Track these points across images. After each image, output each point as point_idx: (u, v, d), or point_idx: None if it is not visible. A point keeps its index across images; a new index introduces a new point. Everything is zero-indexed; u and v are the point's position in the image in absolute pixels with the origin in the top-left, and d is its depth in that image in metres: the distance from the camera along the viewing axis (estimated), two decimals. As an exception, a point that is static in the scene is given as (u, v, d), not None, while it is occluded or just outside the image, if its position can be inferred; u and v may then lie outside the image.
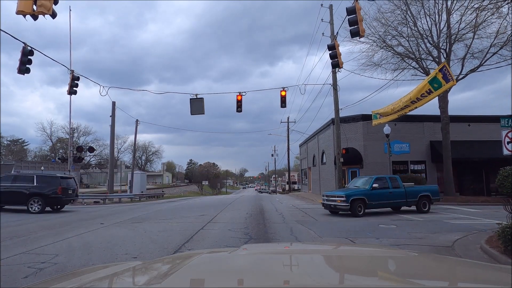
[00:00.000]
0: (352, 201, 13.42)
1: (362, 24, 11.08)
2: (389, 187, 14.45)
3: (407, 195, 14.62)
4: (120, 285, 1.54)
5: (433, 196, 15.24)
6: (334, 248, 2.53)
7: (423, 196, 14.91)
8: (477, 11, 19.24)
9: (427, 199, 14.99)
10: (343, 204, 13.48)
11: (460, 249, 7.57)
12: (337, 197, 13.84)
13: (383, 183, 14.43)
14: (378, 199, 14.10)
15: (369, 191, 13.98)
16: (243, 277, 1.45)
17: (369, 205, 13.84)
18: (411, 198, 14.70)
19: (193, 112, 19.94)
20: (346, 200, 13.38)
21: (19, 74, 13.14)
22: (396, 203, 14.84)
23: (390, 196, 14.34)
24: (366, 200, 13.72)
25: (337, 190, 16.26)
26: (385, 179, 14.69)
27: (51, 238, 9.07)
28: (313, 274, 1.49)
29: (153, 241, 8.57)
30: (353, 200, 13.47)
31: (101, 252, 7.30)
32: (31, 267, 6.01)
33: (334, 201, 13.91)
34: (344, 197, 13.49)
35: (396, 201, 14.62)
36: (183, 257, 1.93)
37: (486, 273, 1.58)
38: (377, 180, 14.42)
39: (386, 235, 9.23)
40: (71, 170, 26.65)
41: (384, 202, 14.38)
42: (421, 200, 14.85)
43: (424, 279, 1.47)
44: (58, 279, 1.66)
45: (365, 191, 14.04)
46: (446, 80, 14.94)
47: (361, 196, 13.75)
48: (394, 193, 14.44)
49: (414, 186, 16.03)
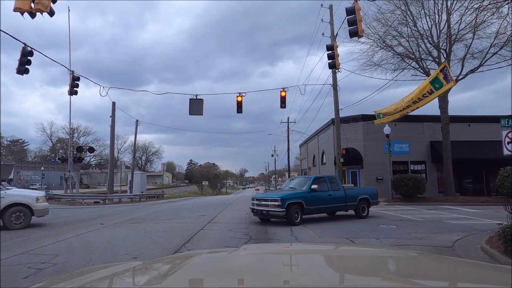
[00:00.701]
0: (288, 205, 11.28)
1: (361, 24, 11.08)
2: (328, 189, 12.57)
3: (347, 199, 12.95)
4: (120, 285, 1.54)
5: (372, 200, 13.79)
6: (334, 248, 2.53)
7: (362, 199, 13.42)
8: (477, 11, 19.24)
9: (366, 203, 13.56)
10: (278, 210, 11.25)
11: (461, 249, 7.56)
12: (271, 201, 11.55)
13: (322, 184, 12.54)
14: (317, 203, 12.09)
15: (307, 194, 11.93)
16: (243, 277, 1.45)
17: (307, 210, 11.82)
18: (351, 202, 13.07)
19: (191, 112, 19.94)
20: (281, 205, 11.21)
21: (18, 75, 13.13)
22: (335, 208, 13.04)
23: (329, 199, 12.48)
24: (304, 204, 11.65)
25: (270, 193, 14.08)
26: (324, 180, 12.87)
27: (51, 238, 9.07)
28: (313, 274, 1.49)
29: (153, 242, 8.57)
30: (290, 204, 11.33)
31: (101, 252, 7.29)
32: (31, 268, 6.01)
33: (267, 206, 11.61)
34: (278, 200, 11.29)
35: (336, 205, 12.82)
36: (183, 257, 1.93)
37: (486, 273, 1.58)
38: (316, 181, 12.55)
39: (386, 235, 9.22)
40: (71, 170, 26.65)
41: (323, 206, 12.44)
42: (361, 204, 13.33)
43: (424, 279, 1.47)
44: (58, 279, 1.66)
45: (302, 193, 11.95)
46: (447, 80, 14.95)
47: (299, 199, 11.64)
48: (334, 196, 12.63)
49: (354, 188, 14.66)
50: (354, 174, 26.23)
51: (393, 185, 21.20)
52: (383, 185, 24.16)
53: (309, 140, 39.45)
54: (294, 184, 13.34)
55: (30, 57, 13.66)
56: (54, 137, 73.77)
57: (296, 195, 11.81)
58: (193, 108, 19.96)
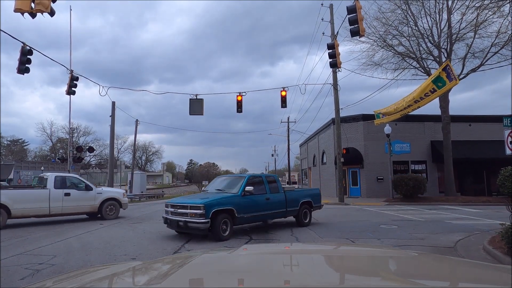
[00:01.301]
0: (214, 214, 8.52)
1: (362, 23, 10.99)
2: (266, 191, 10.18)
3: (287, 203, 10.66)
4: (120, 285, 1.54)
5: (315, 203, 11.81)
6: (335, 248, 2.52)
7: (304, 203, 11.33)
8: (478, 10, 19.16)
9: (309, 207, 11.50)
10: (200, 221, 8.37)
11: (463, 249, 7.50)
12: (191, 209, 8.67)
13: (259, 186, 10.10)
14: (253, 210, 9.54)
15: (240, 198, 9.34)
16: (243, 277, 1.44)
17: (240, 220, 9.19)
18: (292, 207, 10.82)
19: (191, 112, 19.90)
20: (205, 214, 8.37)
21: (19, 74, 13.06)
22: (275, 215, 10.48)
23: (267, 204, 10.02)
24: (235, 212, 8.99)
25: (191, 197, 11.18)
26: (260, 180, 10.37)
27: (50, 238, 9.00)
28: (314, 274, 1.49)
29: (152, 242, 8.50)
30: (216, 212, 8.58)
31: (99, 253, 7.23)
32: (28, 268, 5.95)
33: (185, 216, 8.71)
34: (201, 208, 8.43)
35: (275, 211, 10.34)
36: (183, 257, 1.92)
37: (486, 273, 1.57)
38: (251, 181, 9.94)
39: (387, 235, 9.15)
40: (71, 170, 26.57)
41: (259, 214, 9.86)
42: (303, 209, 11.23)
43: (424, 279, 1.47)
44: (58, 279, 1.64)
45: (234, 198, 9.30)
46: (450, 79, 14.83)
47: (229, 206, 8.96)
48: (272, 200, 10.19)
49: (296, 189, 12.39)
50: (355, 174, 26.16)
51: (393, 185, 21.13)
52: (384, 185, 24.10)
53: (309, 140, 39.39)
54: (223, 185, 10.41)
55: (29, 56, 13.59)
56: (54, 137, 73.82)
57: (225, 200, 9.06)
58: (193, 108, 19.92)
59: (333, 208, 17.58)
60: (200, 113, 19.72)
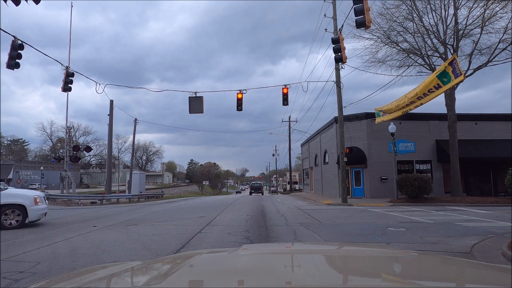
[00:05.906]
0: None
1: (369, 14, 10.39)
2: None
3: None
4: (120, 285, 1.53)
5: None
6: (336, 248, 2.50)
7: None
8: (485, 5, 18.58)
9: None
10: None
11: (480, 255, 6.94)
12: None
13: None
14: None
15: None
16: (243, 278, 1.42)
17: None
18: None
19: (191, 111, 19.41)
20: None
21: (9, 69, 12.51)
22: None
23: None
24: None
25: None
26: None
27: (37, 243, 8.46)
28: (315, 275, 1.47)
29: (145, 247, 7.96)
30: None
31: (87, 259, 6.68)
32: (6, 278, 5.40)
33: None
34: None
35: None
36: (183, 257, 1.92)
37: (487, 273, 1.56)
38: None
39: (396, 239, 8.59)
40: (68, 169, 26.07)
41: None
42: None
43: (426, 280, 1.44)
44: (57, 279, 1.63)
45: None
46: (455, 74, 14.22)
47: None
48: None
49: None
50: (358, 174, 25.59)
51: (398, 185, 20.54)
52: (388, 185, 23.55)
53: (311, 139, 38.83)
54: None
55: (20, 50, 13.07)
56: (54, 136, 73.66)
57: None
58: (193, 106, 19.45)
59: (336, 209, 17.03)
60: (200, 111, 19.23)
